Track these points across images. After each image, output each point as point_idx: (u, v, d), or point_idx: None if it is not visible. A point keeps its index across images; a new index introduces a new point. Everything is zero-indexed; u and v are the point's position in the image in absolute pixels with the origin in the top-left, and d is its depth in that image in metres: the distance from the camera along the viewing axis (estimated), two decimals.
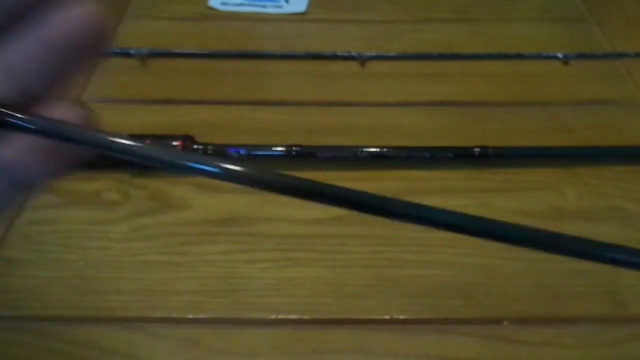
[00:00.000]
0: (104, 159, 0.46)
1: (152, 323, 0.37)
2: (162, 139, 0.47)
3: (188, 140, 0.47)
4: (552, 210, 0.44)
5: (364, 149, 0.47)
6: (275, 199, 0.49)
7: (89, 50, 0.18)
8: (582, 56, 0.60)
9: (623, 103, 0.55)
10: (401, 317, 0.38)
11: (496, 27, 0.66)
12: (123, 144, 0.17)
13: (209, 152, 0.47)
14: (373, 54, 0.60)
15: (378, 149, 0.47)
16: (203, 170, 0.17)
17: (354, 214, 0.45)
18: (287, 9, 0.68)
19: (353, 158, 0.47)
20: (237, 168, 0.17)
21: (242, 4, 0.68)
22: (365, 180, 0.47)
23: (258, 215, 0.44)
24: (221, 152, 0.47)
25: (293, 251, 0.41)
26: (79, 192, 0.46)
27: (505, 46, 0.62)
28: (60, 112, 0.18)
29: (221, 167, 0.17)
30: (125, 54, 0.60)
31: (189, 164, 0.17)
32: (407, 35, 0.64)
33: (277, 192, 0.18)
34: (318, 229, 0.43)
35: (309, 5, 0.68)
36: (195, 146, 0.47)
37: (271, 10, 0.68)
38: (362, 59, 0.60)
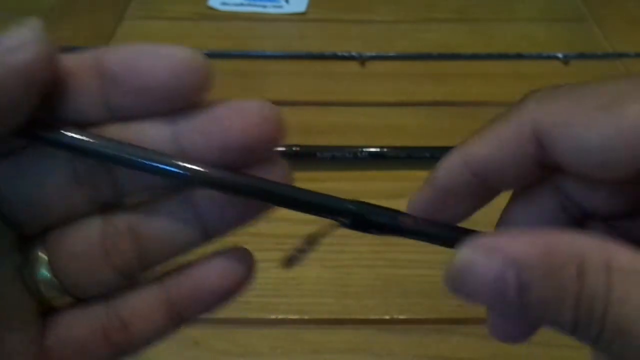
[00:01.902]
0: None
1: None
2: None
3: None
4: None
5: (364, 149, 0.47)
6: None
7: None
8: (582, 56, 0.61)
9: None
10: (401, 317, 0.38)
11: (496, 27, 0.66)
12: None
13: None
14: (373, 54, 0.61)
15: (378, 149, 0.47)
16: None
17: None
18: (287, 9, 0.68)
19: (353, 158, 0.47)
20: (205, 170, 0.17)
21: (242, 4, 0.68)
22: (365, 180, 0.46)
23: None
24: None
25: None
26: None
27: (505, 46, 0.62)
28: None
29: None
30: None
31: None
32: (407, 35, 0.64)
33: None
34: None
35: (309, 5, 0.68)
36: None
37: (271, 10, 0.68)
38: (362, 59, 0.60)
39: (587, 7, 0.69)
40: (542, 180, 0.19)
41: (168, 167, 0.17)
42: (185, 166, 0.17)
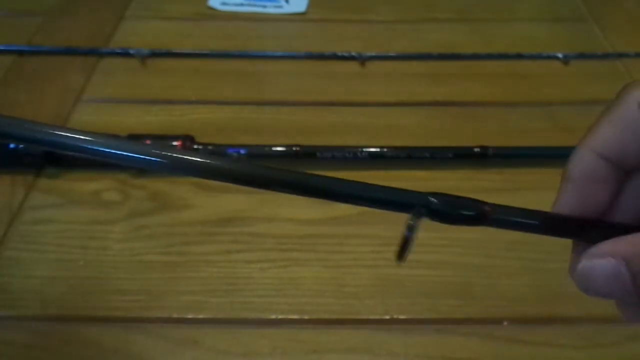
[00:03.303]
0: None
1: (152, 323, 0.37)
2: (162, 139, 0.47)
3: (188, 140, 0.47)
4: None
5: (364, 149, 0.47)
6: (275, 199, 0.49)
7: None
8: (582, 56, 0.61)
9: None
10: (401, 317, 0.38)
11: (496, 27, 0.66)
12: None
13: (209, 151, 0.47)
14: (373, 54, 0.61)
15: (378, 149, 0.47)
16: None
17: (353, 213, 0.44)
18: (287, 9, 0.68)
19: (353, 158, 0.47)
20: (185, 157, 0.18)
21: (242, 4, 0.68)
22: (364, 180, 0.46)
23: (258, 215, 0.44)
24: (221, 151, 0.47)
25: (293, 251, 0.41)
26: (79, 192, 0.46)
27: (505, 46, 0.62)
28: None
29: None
30: (125, 54, 0.60)
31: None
32: (407, 35, 0.64)
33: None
34: (318, 229, 0.43)
35: (309, 5, 0.68)
36: (195, 146, 0.47)
37: (271, 10, 0.68)
38: (362, 59, 0.60)
39: (587, 7, 0.68)
40: None
41: None
42: None
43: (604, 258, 0.20)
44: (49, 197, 0.45)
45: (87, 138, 0.17)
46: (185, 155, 0.18)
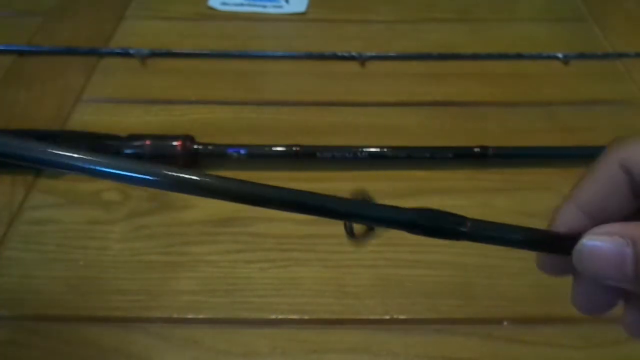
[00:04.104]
0: None
1: (152, 323, 0.37)
2: (162, 139, 0.47)
3: (188, 140, 0.47)
4: (552, 211, 0.44)
5: (364, 149, 0.47)
6: None
7: None
8: (582, 56, 0.61)
9: (623, 103, 0.55)
10: (401, 317, 0.38)
11: (496, 27, 0.66)
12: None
13: (209, 151, 0.47)
14: (373, 54, 0.61)
15: (378, 149, 0.47)
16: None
17: None
18: (287, 9, 0.68)
19: (353, 158, 0.47)
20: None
21: (242, 4, 0.68)
22: (365, 180, 0.46)
23: (258, 215, 0.44)
24: (221, 151, 0.47)
25: (293, 251, 0.41)
26: (79, 192, 0.46)
27: (505, 46, 0.62)
28: None
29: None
30: (125, 54, 0.60)
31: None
32: (407, 35, 0.64)
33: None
34: (318, 229, 0.43)
35: (309, 5, 0.68)
36: (195, 146, 0.47)
37: (271, 10, 0.68)
38: (362, 59, 0.60)
39: (587, 7, 0.69)
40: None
41: None
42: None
43: (611, 236, 0.20)
44: (49, 197, 0.45)
45: (79, 156, 0.17)
46: (181, 174, 0.18)
